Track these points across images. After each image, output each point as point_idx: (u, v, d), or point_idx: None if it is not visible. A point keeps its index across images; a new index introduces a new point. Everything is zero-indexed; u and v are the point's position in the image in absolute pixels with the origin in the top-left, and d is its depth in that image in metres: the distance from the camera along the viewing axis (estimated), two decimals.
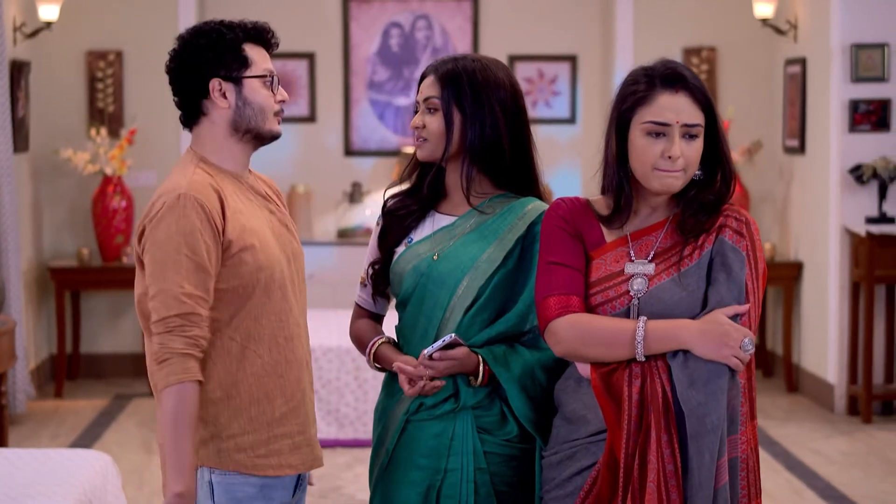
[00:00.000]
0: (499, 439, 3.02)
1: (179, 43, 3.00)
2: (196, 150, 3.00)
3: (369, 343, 3.14)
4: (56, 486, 4.25)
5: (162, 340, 2.81)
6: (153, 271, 2.84)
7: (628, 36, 8.47)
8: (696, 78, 2.77)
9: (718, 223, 2.77)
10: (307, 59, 8.71)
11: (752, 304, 2.72)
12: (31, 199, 8.16)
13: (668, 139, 2.73)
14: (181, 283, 2.81)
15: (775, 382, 8.29)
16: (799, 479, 6.19)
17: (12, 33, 7.68)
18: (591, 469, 2.77)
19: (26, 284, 7.88)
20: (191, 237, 2.82)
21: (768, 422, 7.27)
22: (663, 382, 2.67)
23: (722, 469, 2.67)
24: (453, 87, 3.04)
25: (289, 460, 3.00)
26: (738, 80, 8.55)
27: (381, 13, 8.76)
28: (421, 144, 3.08)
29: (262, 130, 3.00)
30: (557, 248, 2.81)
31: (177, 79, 2.99)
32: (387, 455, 3.08)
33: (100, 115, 8.34)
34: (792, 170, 8.13)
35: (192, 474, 2.83)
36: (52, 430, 7.16)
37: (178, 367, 2.80)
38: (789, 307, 8.02)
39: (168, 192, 2.87)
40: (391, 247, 3.14)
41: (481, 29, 8.77)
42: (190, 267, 2.82)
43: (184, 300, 2.80)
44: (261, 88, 2.97)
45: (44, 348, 8.30)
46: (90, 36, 8.36)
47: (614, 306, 2.76)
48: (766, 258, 7.94)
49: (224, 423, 2.92)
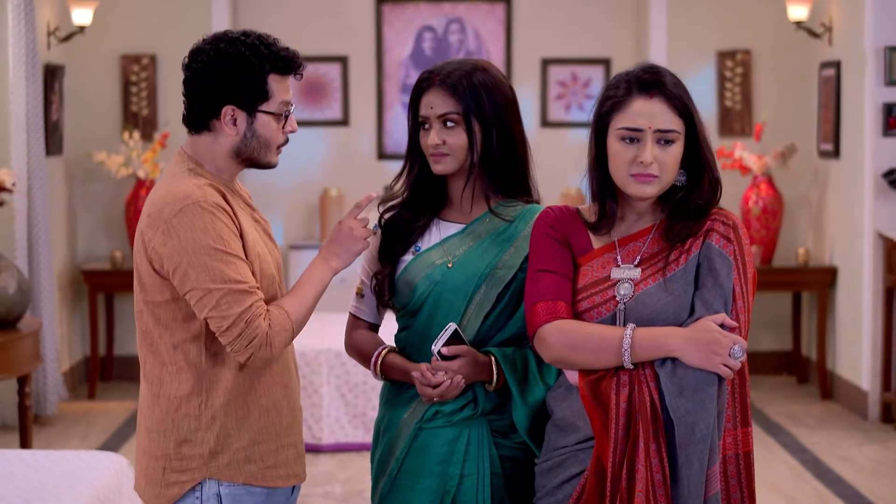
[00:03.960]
0: (512, 442, 3.01)
1: (204, 59, 2.88)
2: (190, 155, 2.94)
3: (373, 353, 3.10)
4: (69, 489, 4.27)
5: (248, 332, 2.77)
6: (209, 277, 2.77)
7: (662, 38, 8.41)
8: (677, 84, 2.74)
9: (706, 227, 2.74)
10: (340, 62, 8.72)
11: (741, 309, 2.68)
12: (66, 202, 8.22)
13: (640, 144, 2.70)
14: (242, 280, 2.78)
15: (809, 389, 8.20)
16: (826, 486, 6.12)
17: (46, 38, 7.75)
18: (580, 476, 2.74)
19: (60, 287, 7.94)
20: (227, 237, 2.79)
21: (799, 429, 7.19)
22: (651, 391, 2.64)
23: (713, 478, 2.63)
24: (471, 99, 2.98)
25: (294, 470, 3.00)
26: (773, 83, 8.48)
27: (415, 17, 8.76)
28: (442, 160, 3.02)
29: (260, 162, 2.96)
30: (545, 256, 2.80)
31: (191, 91, 2.91)
32: (397, 463, 3.04)
33: (133, 118, 8.39)
34: (826, 174, 8.05)
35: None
36: (82, 431, 7.20)
37: (279, 320, 2.84)
38: (823, 313, 7.94)
39: (180, 201, 2.80)
40: (396, 257, 3.11)
41: (514, 32, 8.74)
42: (240, 264, 2.80)
43: (251, 292, 2.79)
44: (271, 123, 2.91)
45: (78, 350, 8.36)
46: (124, 40, 8.42)
47: (600, 312, 2.74)
48: (800, 263, 7.91)
49: (233, 434, 2.90)
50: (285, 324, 2.83)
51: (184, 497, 2.90)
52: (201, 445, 2.88)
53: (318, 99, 8.71)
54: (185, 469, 2.89)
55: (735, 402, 2.70)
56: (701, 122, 2.77)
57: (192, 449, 2.89)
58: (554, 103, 8.74)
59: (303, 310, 2.89)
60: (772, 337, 8.62)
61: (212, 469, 2.89)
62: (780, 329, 8.59)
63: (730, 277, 2.68)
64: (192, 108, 2.93)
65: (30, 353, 5.75)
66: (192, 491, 2.90)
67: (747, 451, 2.72)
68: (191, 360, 2.88)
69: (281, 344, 2.83)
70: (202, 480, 2.89)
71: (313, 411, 6.71)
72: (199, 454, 2.88)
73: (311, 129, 8.62)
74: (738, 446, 2.71)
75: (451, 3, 8.74)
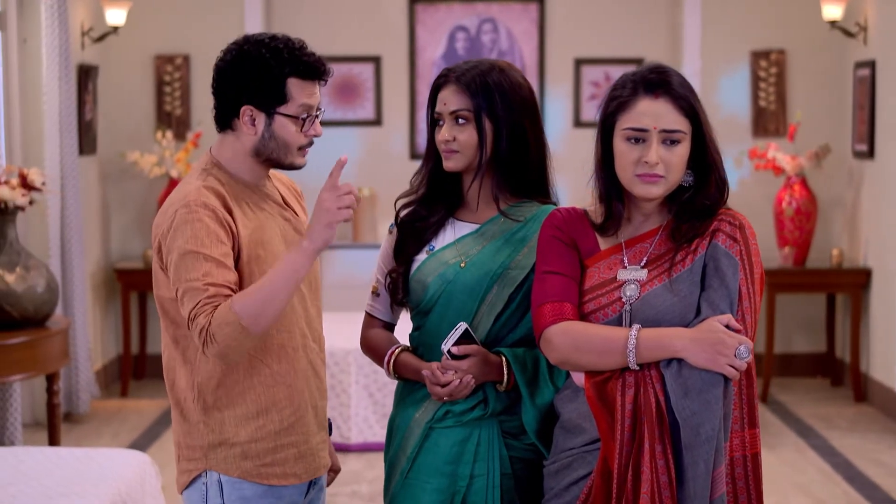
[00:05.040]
0: (523, 444, 3.00)
1: (228, 59, 2.94)
2: (214, 156, 3.01)
3: (387, 352, 3.11)
4: (91, 486, 4.29)
5: (193, 329, 2.80)
6: (177, 276, 2.84)
7: (695, 38, 8.36)
8: (683, 84, 2.72)
9: (713, 227, 2.72)
10: (373, 62, 8.72)
11: (747, 310, 2.66)
12: (99, 201, 8.27)
13: (646, 145, 2.69)
14: (200, 278, 2.81)
15: (843, 392, 8.13)
16: (857, 490, 6.07)
17: (80, 38, 7.80)
18: (587, 479, 2.73)
19: (94, 286, 8.00)
20: (205, 237, 2.83)
21: (832, 432, 7.13)
22: (657, 392, 2.63)
23: (718, 479, 2.61)
24: (483, 97, 2.99)
25: (294, 469, 3.01)
26: (807, 83, 8.41)
27: (447, 17, 8.75)
28: (452, 156, 3.03)
29: (283, 163, 2.99)
30: (552, 257, 2.79)
31: (216, 90, 2.98)
32: (408, 462, 3.05)
33: (167, 118, 8.44)
34: (861, 175, 7.97)
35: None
36: (113, 429, 7.24)
37: (220, 314, 2.77)
38: (858, 315, 7.86)
39: (178, 202, 2.88)
40: (410, 255, 3.11)
41: (547, 32, 8.72)
42: (210, 265, 2.82)
43: (204, 289, 2.80)
44: (289, 125, 2.92)
45: (111, 349, 8.42)
46: (157, 40, 8.46)
47: (607, 313, 2.72)
48: (834, 264, 7.84)
49: (231, 430, 2.95)
50: (227, 317, 2.76)
51: (192, 482, 3.00)
52: (202, 437, 2.96)
53: (350, 99, 8.72)
54: (191, 458, 2.98)
55: (742, 404, 2.68)
56: (707, 122, 2.75)
57: (195, 440, 2.97)
58: (587, 103, 8.71)
59: (255, 300, 2.77)
60: (805, 339, 8.55)
61: (211, 461, 2.96)
62: (814, 331, 8.52)
63: (736, 278, 2.66)
64: (217, 107, 2.99)
65: (58, 351, 5.79)
66: (199, 477, 2.98)
67: (755, 453, 2.70)
68: (188, 356, 2.95)
69: (226, 337, 2.76)
70: (204, 470, 2.97)
71: (342, 411, 6.72)
72: (200, 445, 2.97)
73: (343, 128, 8.64)
74: (746, 448, 2.69)
75: (484, 2, 8.73)
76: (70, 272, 7.28)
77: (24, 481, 4.33)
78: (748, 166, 8.17)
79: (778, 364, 8.40)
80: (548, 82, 8.72)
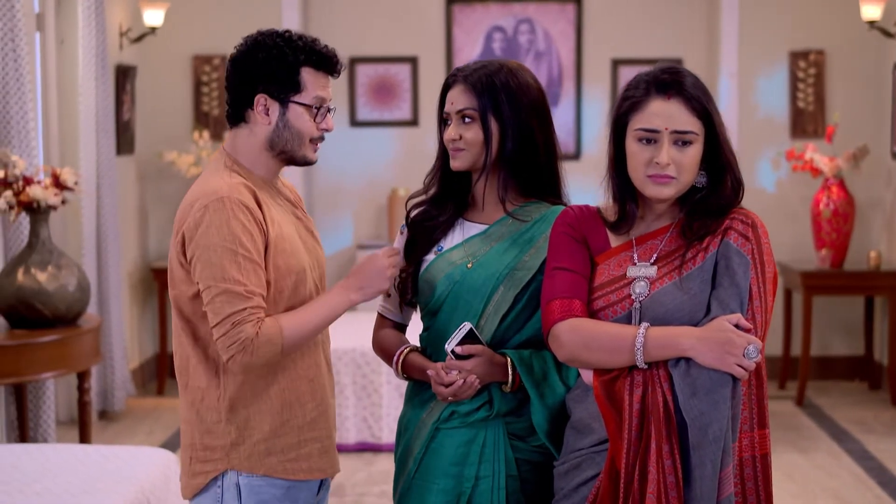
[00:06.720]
0: (530, 446, 3.00)
1: (241, 49, 2.97)
2: (229, 153, 3.01)
3: (396, 352, 3.12)
4: (115, 483, 4.32)
5: (232, 333, 2.80)
6: (212, 274, 2.82)
7: (733, 38, 8.31)
8: (696, 85, 2.71)
9: (724, 225, 2.70)
10: (410, 62, 8.73)
11: (757, 309, 2.64)
12: (137, 201, 8.34)
13: (657, 146, 2.67)
14: (243, 282, 2.81)
15: (881, 395, 8.05)
16: (890, 495, 6.00)
17: (118, 38, 7.86)
18: (595, 479, 2.72)
19: (132, 285, 8.06)
20: (243, 236, 2.83)
21: (868, 436, 7.06)
22: (664, 391, 2.61)
23: (726, 480, 2.59)
24: (489, 96, 3.01)
25: (319, 464, 3.02)
26: (846, 83, 8.33)
27: (484, 17, 8.74)
28: (458, 155, 3.05)
29: (296, 155, 3.00)
30: (562, 254, 2.78)
31: (229, 81, 2.99)
32: (415, 463, 3.06)
33: (204, 118, 8.49)
34: None
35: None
36: (148, 427, 7.29)
37: (269, 332, 2.82)
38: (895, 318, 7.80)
39: (206, 196, 2.86)
40: (419, 255, 3.12)
41: (584, 32, 8.69)
42: (248, 266, 2.83)
43: (248, 296, 2.81)
44: (304, 115, 2.95)
45: (149, 347, 8.48)
46: (195, 41, 8.51)
47: (616, 311, 2.71)
48: (872, 266, 7.76)
49: (255, 426, 2.93)
50: (274, 337, 2.82)
51: (206, 487, 2.96)
52: (223, 436, 2.93)
53: (387, 99, 8.73)
54: (208, 459, 2.95)
55: (752, 404, 2.66)
56: (721, 122, 2.74)
57: (214, 440, 2.94)
58: None
59: (301, 330, 2.88)
60: (843, 342, 8.48)
61: (233, 460, 2.93)
62: (852, 334, 8.45)
63: (747, 277, 2.64)
64: (230, 100, 3.00)
65: (89, 349, 5.83)
66: (214, 481, 2.95)
67: (764, 454, 2.68)
68: (210, 354, 2.92)
69: (264, 355, 2.82)
70: (223, 471, 2.94)
71: (373, 410, 6.73)
72: (220, 445, 2.93)
73: (380, 129, 8.65)
74: (755, 448, 2.66)
75: (521, 3, 8.71)
76: (106, 271, 7.34)
77: (51, 478, 4.37)
78: (786, 168, 8.11)
79: (815, 367, 8.33)
80: (585, 83, 8.70)
